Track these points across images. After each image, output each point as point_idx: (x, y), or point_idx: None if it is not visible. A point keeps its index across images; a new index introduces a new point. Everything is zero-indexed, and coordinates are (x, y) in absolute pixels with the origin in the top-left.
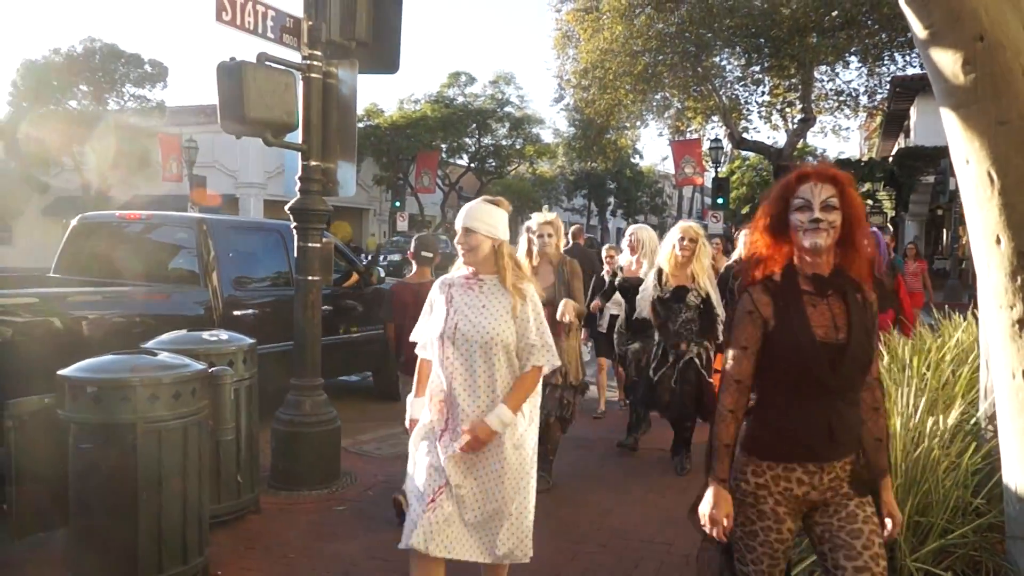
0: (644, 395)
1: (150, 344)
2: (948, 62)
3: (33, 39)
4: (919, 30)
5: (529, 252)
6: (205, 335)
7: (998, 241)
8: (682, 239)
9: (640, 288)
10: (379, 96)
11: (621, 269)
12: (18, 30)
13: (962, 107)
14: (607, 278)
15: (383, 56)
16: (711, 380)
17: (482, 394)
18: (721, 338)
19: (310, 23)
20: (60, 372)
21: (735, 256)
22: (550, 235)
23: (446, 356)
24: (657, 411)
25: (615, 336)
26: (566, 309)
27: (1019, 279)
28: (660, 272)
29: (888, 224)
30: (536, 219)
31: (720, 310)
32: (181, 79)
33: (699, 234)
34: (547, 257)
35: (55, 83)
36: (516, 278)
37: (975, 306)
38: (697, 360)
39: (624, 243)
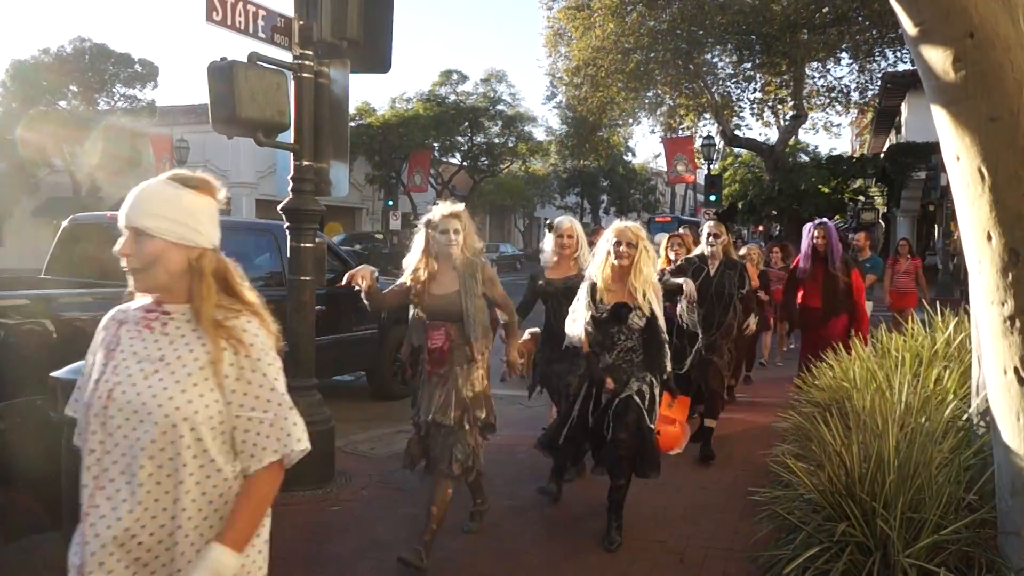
0: (561, 436)
1: None
2: (938, 59)
3: (22, 39)
4: (909, 27)
5: (427, 251)
6: None
7: (989, 237)
8: (618, 244)
9: (570, 309)
10: (371, 95)
11: (544, 271)
12: (6, 30)
13: (952, 104)
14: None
15: (375, 56)
16: (654, 427)
17: (142, 517)
18: (669, 369)
19: (301, 23)
20: (52, 374)
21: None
22: (456, 231)
23: (91, 447)
24: (580, 460)
25: (534, 361)
26: (512, 363)
27: (1010, 275)
28: (593, 287)
29: (880, 220)
30: (437, 211)
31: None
32: (172, 79)
33: (639, 236)
34: (450, 260)
35: (45, 83)
36: (226, 312)
37: (967, 302)
38: (637, 399)
39: (548, 242)
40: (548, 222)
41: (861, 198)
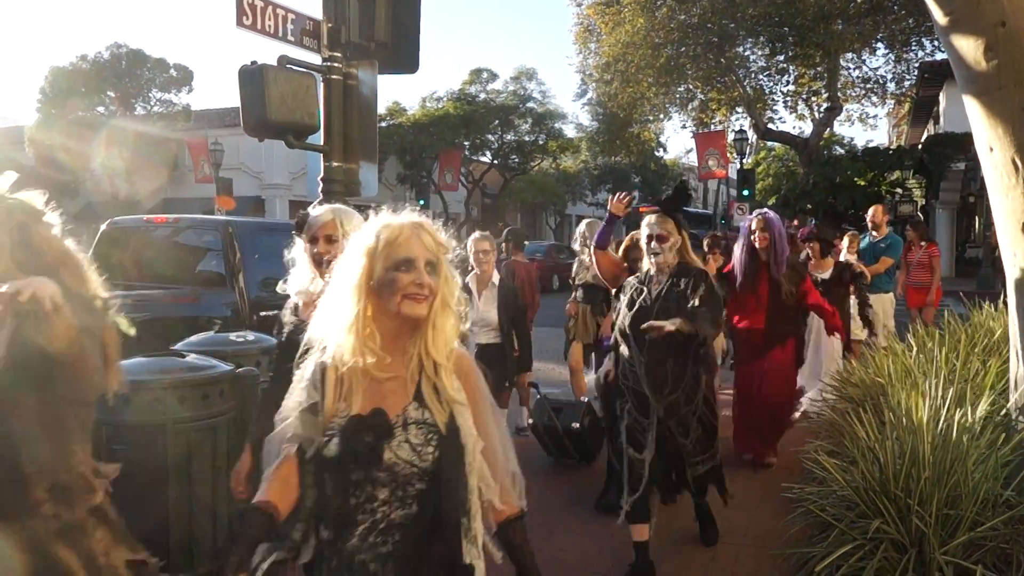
0: None
1: (178, 346)
2: (970, 49)
3: (60, 46)
4: (939, 17)
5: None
6: (232, 336)
7: (1023, 229)
8: (405, 266)
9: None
10: (402, 95)
11: (298, 308)
12: (46, 37)
13: (985, 94)
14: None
15: (403, 56)
16: None
17: None
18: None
19: (329, 25)
20: None
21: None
22: None
23: None
24: None
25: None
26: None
27: None
28: (323, 373)
29: (918, 212)
30: None
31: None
32: (206, 82)
33: (442, 247)
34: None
35: (83, 89)
36: None
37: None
38: None
39: (299, 254)
40: (300, 213)
41: (899, 190)
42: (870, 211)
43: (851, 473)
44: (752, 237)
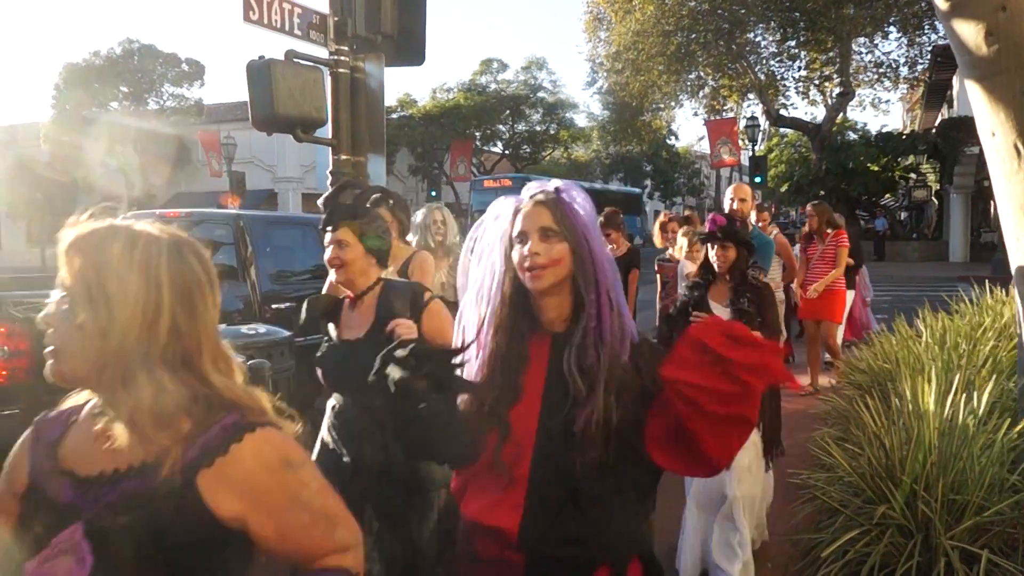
0: None
1: None
2: (971, 33)
3: (74, 42)
4: (941, 2)
5: None
6: (244, 329)
7: None
8: None
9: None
10: (412, 86)
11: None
12: (60, 34)
13: (986, 79)
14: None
15: (409, 49)
16: None
17: None
18: None
19: (336, 19)
20: None
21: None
22: None
23: None
24: None
25: None
26: None
27: None
28: None
29: (933, 198)
30: None
31: None
32: (218, 76)
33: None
34: None
35: (96, 85)
36: None
37: None
38: None
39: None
40: None
41: (913, 175)
42: (729, 190)
43: (858, 459)
44: (514, 255)
